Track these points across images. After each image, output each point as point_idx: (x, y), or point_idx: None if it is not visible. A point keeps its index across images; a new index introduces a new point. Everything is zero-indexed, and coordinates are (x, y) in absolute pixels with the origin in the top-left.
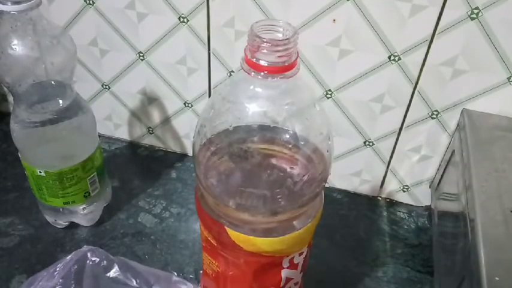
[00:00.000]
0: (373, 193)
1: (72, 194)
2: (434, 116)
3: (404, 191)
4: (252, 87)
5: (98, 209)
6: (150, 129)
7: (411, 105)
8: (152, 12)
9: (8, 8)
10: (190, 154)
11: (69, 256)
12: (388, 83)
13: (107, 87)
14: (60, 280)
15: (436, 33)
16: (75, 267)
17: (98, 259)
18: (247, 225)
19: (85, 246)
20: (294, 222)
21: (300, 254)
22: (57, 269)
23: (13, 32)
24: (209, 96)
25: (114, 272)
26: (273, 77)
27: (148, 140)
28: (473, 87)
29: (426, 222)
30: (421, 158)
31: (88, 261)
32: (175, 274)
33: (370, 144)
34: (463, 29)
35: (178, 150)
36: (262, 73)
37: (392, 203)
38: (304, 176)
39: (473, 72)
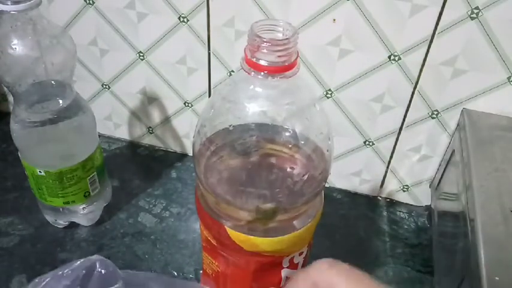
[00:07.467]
0: (373, 193)
1: (72, 193)
2: (434, 116)
3: (404, 191)
4: (252, 87)
5: (98, 208)
6: (150, 129)
7: (411, 105)
8: (152, 12)
9: (8, 7)
10: (190, 154)
11: (78, 263)
12: (388, 83)
13: (107, 87)
14: (68, 283)
15: (436, 33)
16: (83, 273)
17: (105, 271)
18: (247, 225)
19: (95, 255)
20: (294, 222)
21: (300, 254)
22: (65, 274)
23: (13, 31)
24: (209, 96)
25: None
26: (273, 76)
27: (148, 140)
28: (473, 87)
29: (426, 222)
30: (421, 157)
31: (95, 272)
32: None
33: (370, 144)
34: (463, 29)
35: (178, 150)
36: (262, 73)
37: (392, 203)
38: (304, 175)
39: (473, 72)
